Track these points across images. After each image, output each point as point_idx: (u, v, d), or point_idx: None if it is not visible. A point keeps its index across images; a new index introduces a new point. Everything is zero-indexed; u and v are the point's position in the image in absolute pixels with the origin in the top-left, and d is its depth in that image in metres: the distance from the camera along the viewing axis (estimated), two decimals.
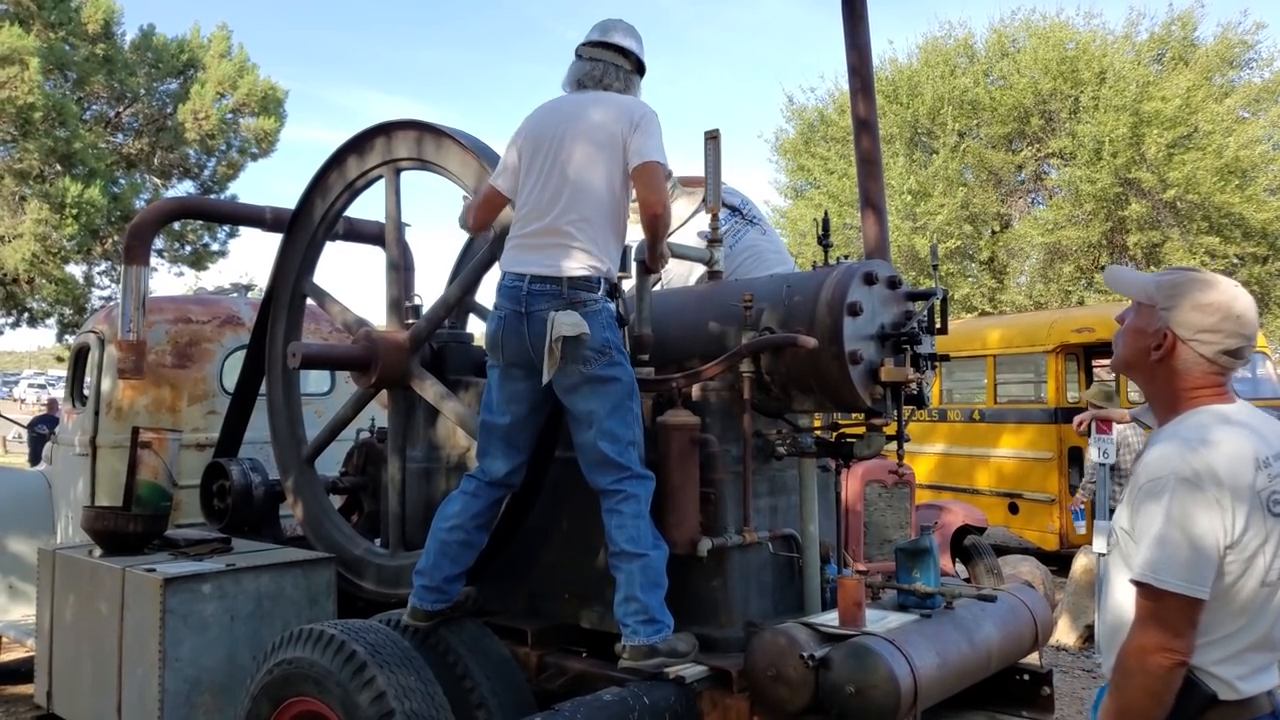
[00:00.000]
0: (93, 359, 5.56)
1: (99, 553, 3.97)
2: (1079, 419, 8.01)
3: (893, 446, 3.14)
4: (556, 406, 3.10)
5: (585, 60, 3.23)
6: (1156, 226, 16.86)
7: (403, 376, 3.73)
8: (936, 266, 3.52)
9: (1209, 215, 16.39)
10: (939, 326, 3.20)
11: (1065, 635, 6.95)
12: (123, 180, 14.85)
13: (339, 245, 5.04)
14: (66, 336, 14.97)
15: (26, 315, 14.93)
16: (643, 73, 3.30)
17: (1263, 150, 16.52)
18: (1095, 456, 6.92)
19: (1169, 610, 1.76)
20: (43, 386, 39.08)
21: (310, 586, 3.76)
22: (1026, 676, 3.20)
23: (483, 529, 3.15)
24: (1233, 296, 1.90)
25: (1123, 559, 1.92)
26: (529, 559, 3.48)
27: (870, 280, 3.04)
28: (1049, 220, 17.41)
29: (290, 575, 3.73)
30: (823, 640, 2.64)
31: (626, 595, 2.83)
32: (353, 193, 4.11)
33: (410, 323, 3.82)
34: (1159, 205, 16.71)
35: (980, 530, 7.02)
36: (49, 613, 4.17)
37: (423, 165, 3.79)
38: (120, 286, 4.96)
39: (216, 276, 19.90)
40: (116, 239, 13.59)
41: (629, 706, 2.61)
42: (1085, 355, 9.70)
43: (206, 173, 16.09)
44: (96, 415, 5.31)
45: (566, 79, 3.26)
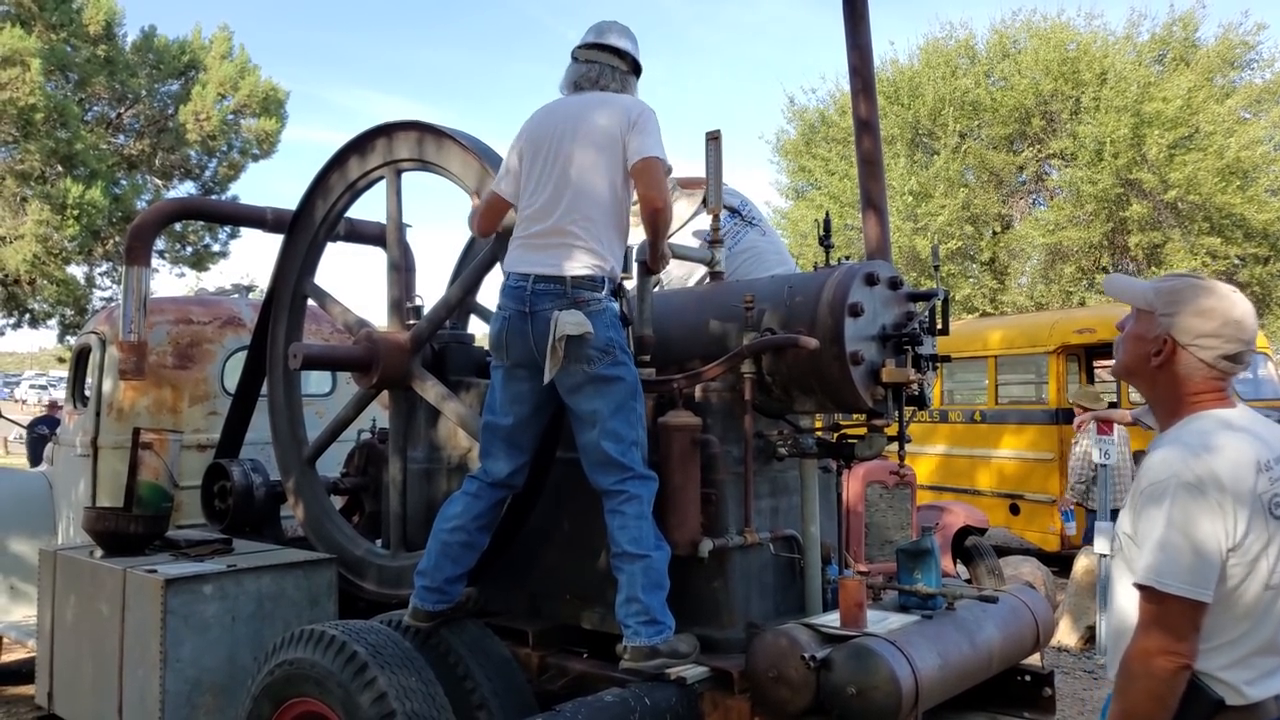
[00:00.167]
0: (94, 360, 5.57)
1: (100, 553, 3.97)
2: (1078, 420, 8.02)
3: (894, 447, 3.14)
4: (559, 407, 3.10)
5: (581, 63, 3.23)
6: (1158, 227, 16.86)
7: (404, 377, 3.73)
8: (938, 267, 3.52)
9: (1210, 216, 16.39)
10: (940, 327, 3.20)
11: (1066, 636, 6.94)
12: (124, 181, 14.87)
13: (340, 246, 5.04)
14: (68, 337, 14.99)
15: (28, 316, 14.96)
16: (639, 73, 3.30)
17: (1264, 151, 16.54)
18: (1096, 458, 6.92)
19: (1172, 613, 1.76)
20: (44, 387, 39.09)
21: (311, 587, 3.76)
22: (1028, 677, 3.19)
23: (485, 530, 3.15)
24: (1231, 302, 1.92)
25: (1126, 563, 1.92)
26: (530, 560, 3.48)
27: (872, 281, 3.04)
28: (1050, 221, 17.40)
29: (291, 576, 3.73)
30: (824, 641, 2.64)
31: (628, 596, 2.83)
32: (354, 193, 4.11)
33: (411, 323, 3.82)
34: (1160, 206, 16.71)
35: (981, 531, 7.02)
36: (50, 613, 4.17)
37: (424, 166, 3.79)
38: (121, 287, 4.97)
39: (218, 277, 19.87)
40: (118, 240, 13.61)
41: (630, 707, 2.61)
42: (1086, 356, 9.70)
43: (208, 173, 16.12)
44: (98, 416, 5.31)
45: (563, 82, 3.27)
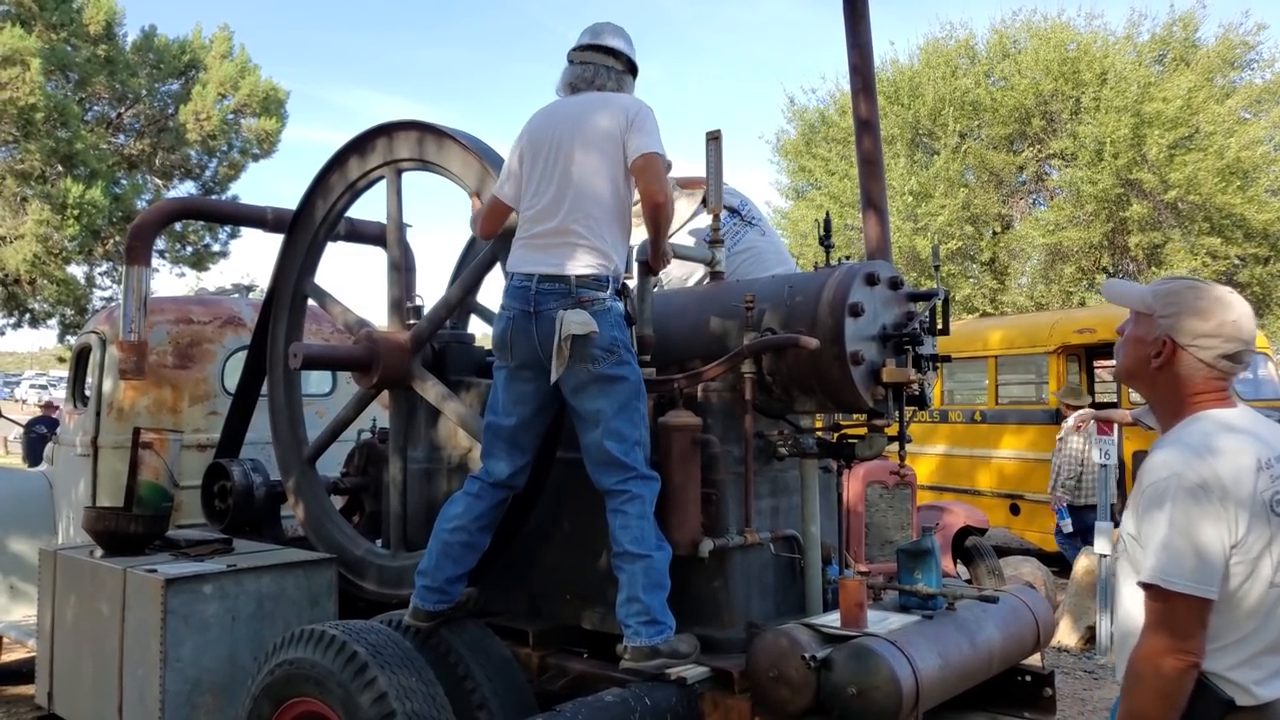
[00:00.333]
0: (94, 360, 5.57)
1: (100, 553, 3.97)
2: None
3: (894, 447, 3.14)
4: (561, 407, 3.10)
5: (577, 65, 3.23)
6: (1158, 227, 16.85)
7: (404, 377, 3.73)
8: (938, 267, 3.53)
9: (1210, 216, 16.39)
10: (940, 327, 3.20)
11: (1067, 636, 6.94)
12: (124, 181, 14.87)
13: (340, 246, 5.04)
14: (68, 337, 14.99)
15: (28, 316, 14.95)
16: (635, 73, 3.30)
17: (1264, 151, 16.53)
18: (1096, 458, 6.93)
19: (1178, 611, 1.77)
20: (44, 387, 39.05)
21: (311, 587, 3.76)
22: (1028, 678, 3.20)
23: (485, 530, 3.15)
24: (1229, 303, 1.95)
25: (1130, 564, 1.93)
26: (530, 560, 3.48)
27: (872, 281, 3.04)
28: (1050, 221, 17.40)
29: (292, 576, 3.73)
30: (824, 641, 2.64)
31: (629, 596, 2.83)
32: (354, 193, 4.11)
33: (412, 323, 3.82)
34: (1160, 206, 16.71)
35: (982, 531, 7.02)
36: (50, 613, 4.17)
37: (424, 166, 3.79)
38: (122, 287, 4.97)
39: (218, 277, 19.90)
40: (118, 240, 13.60)
41: (630, 708, 2.61)
42: (1087, 356, 9.69)
43: (208, 173, 16.11)
44: (98, 416, 5.31)
45: (559, 84, 3.27)
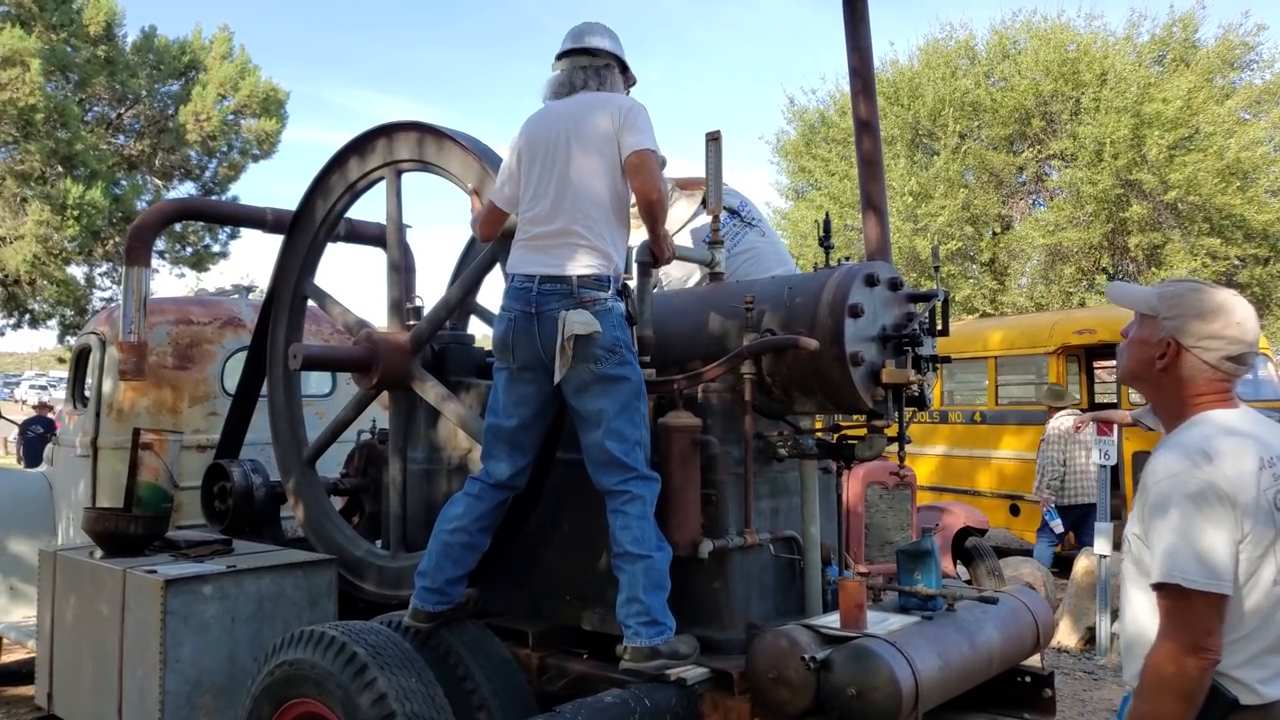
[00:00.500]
0: (94, 360, 5.57)
1: (100, 554, 3.97)
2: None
3: (894, 448, 3.14)
4: (561, 408, 3.10)
5: (564, 71, 3.22)
6: (1158, 228, 16.85)
7: (404, 378, 3.73)
8: (938, 268, 3.53)
9: (1210, 217, 16.39)
10: (940, 328, 3.20)
11: (1066, 637, 6.94)
12: (124, 182, 14.88)
13: (340, 247, 5.04)
14: (68, 338, 15.00)
15: (28, 316, 14.96)
16: (624, 68, 3.27)
17: (1264, 152, 16.54)
18: (1097, 458, 6.93)
19: (1195, 608, 1.78)
20: (44, 388, 39.03)
21: (311, 588, 3.76)
22: (1028, 678, 3.19)
23: (486, 531, 3.15)
24: (1233, 305, 1.97)
25: (1136, 564, 1.94)
26: (530, 560, 3.48)
27: (872, 282, 3.04)
28: (1050, 222, 17.40)
29: (291, 577, 3.73)
30: (824, 642, 2.64)
31: (629, 596, 2.83)
32: (354, 194, 4.11)
33: (411, 324, 3.82)
34: (1160, 207, 16.71)
35: (981, 532, 7.02)
36: (50, 614, 4.17)
37: (424, 167, 3.79)
38: (121, 288, 4.97)
39: (218, 278, 19.87)
40: (118, 240, 13.61)
41: (630, 708, 2.60)
42: (1086, 357, 9.70)
43: (208, 174, 16.13)
44: (97, 416, 5.31)
45: (547, 92, 3.24)
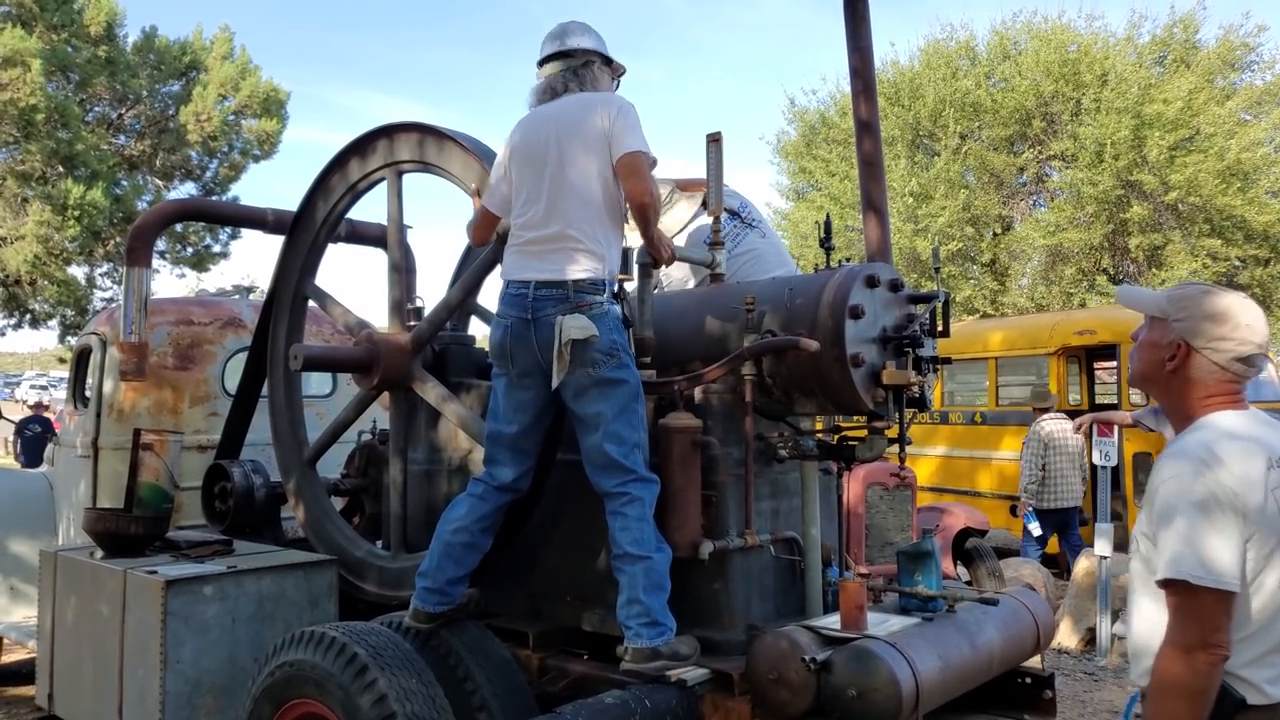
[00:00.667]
0: (94, 361, 5.57)
1: (100, 554, 3.97)
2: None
3: (894, 449, 3.14)
4: (560, 411, 3.11)
5: (548, 76, 3.20)
6: (1158, 229, 16.85)
7: (404, 379, 3.73)
8: (938, 269, 3.53)
9: (1211, 218, 16.39)
10: (941, 329, 3.20)
11: (1067, 638, 6.94)
12: (125, 182, 14.88)
13: (341, 247, 5.04)
14: (68, 338, 15.00)
15: (29, 317, 14.96)
16: (607, 61, 3.25)
17: (1264, 153, 16.53)
18: (1096, 459, 6.92)
19: (1204, 605, 1.79)
20: (44, 388, 39.02)
21: (312, 588, 3.76)
22: (1028, 680, 3.20)
23: (487, 532, 3.15)
24: (1243, 306, 1.99)
25: (1144, 564, 1.95)
26: (531, 561, 3.48)
27: (872, 283, 3.04)
28: (1051, 222, 17.40)
29: (292, 577, 3.73)
30: (824, 643, 2.64)
31: (629, 598, 2.83)
32: (355, 195, 4.12)
33: (412, 325, 3.82)
34: (1161, 208, 16.70)
35: (982, 533, 7.02)
36: (50, 614, 4.17)
37: (425, 167, 3.79)
38: (122, 288, 4.97)
39: (218, 278, 19.86)
40: (118, 241, 13.61)
41: (630, 709, 2.60)
42: (1087, 357, 9.71)
43: (208, 174, 16.13)
44: (98, 417, 5.31)
45: (531, 99, 3.22)
